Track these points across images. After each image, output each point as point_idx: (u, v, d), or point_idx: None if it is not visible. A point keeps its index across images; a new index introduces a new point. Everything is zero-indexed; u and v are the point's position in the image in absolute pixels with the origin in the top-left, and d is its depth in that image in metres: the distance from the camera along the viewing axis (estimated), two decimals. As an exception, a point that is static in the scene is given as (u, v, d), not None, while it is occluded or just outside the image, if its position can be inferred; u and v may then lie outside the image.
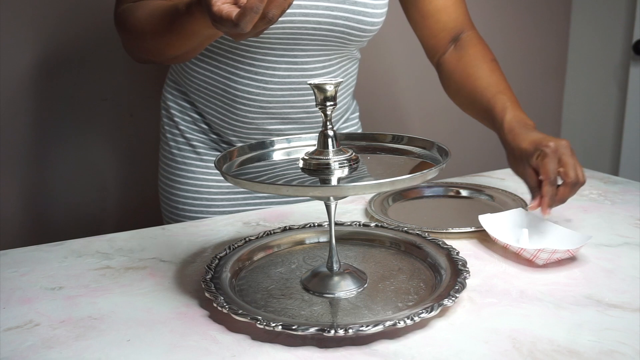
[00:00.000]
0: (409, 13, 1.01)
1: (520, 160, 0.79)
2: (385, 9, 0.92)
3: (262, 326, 0.53)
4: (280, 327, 0.53)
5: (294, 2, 0.84)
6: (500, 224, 0.77)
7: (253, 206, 1.02)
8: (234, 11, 0.58)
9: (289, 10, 0.83)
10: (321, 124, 0.61)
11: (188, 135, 1.02)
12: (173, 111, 1.04)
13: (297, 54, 0.90)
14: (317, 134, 0.62)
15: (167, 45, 0.81)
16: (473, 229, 0.79)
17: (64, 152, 1.44)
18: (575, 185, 0.75)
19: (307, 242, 0.77)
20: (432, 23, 0.99)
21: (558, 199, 0.75)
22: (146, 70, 1.48)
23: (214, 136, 1.01)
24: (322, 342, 0.54)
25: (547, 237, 0.73)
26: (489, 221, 0.77)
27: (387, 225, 0.78)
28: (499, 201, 0.92)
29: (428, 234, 0.74)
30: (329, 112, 0.60)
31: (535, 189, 0.77)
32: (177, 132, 1.03)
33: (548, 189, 0.74)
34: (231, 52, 0.91)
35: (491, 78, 0.92)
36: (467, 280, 0.61)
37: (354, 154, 0.61)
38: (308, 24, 0.87)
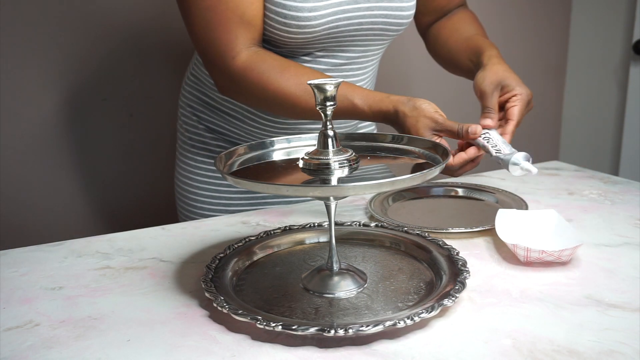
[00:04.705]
0: None
1: (497, 83, 0.88)
2: None
3: (262, 326, 0.53)
4: (280, 327, 0.53)
5: (337, 8, 0.86)
6: (514, 222, 0.76)
7: (263, 205, 1.02)
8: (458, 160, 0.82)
9: (333, 16, 0.86)
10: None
11: (209, 135, 1.03)
12: (196, 112, 1.04)
13: (337, 55, 0.92)
14: (317, 134, 0.62)
15: (301, 116, 0.88)
16: (473, 229, 0.79)
17: (63, 152, 1.44)
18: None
19: (307, 242, 0.77)
20: (428, 2, 1.05)
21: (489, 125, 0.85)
22: (146, 71, 1.48)
23: (236, 137, 1.02)
24: (322, 342, 0.54)
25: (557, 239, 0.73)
26: (504, 217, 0.76)
27: (387, 225, 0.78)
28: (499, 201, 0.92)
29: (428, 234, 0.74)
30: (329, 112, 0.60)
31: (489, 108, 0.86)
32: (197, 131, 1.04)
33: (512, 129, 0.86)
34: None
35: (480, 30, 1.02)
36: (467, 280, 0.61)
37: (354, 154, 0.61)
38: (351, 26, 0.89)
